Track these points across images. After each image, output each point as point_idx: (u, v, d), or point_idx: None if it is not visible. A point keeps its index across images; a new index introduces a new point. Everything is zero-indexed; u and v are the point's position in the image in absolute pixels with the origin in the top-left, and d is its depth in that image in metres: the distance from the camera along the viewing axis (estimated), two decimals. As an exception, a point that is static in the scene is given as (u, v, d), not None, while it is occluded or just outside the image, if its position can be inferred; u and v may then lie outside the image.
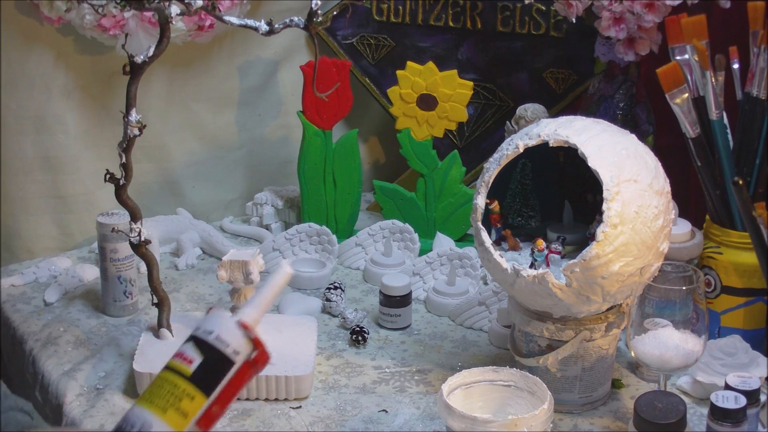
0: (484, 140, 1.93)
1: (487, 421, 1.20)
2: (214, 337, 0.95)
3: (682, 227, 1.54)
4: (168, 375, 0.94)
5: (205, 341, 0.95)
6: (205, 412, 0.93)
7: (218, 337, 0.95)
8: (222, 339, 0.95)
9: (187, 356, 0.94)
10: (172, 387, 0.93)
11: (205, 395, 0.93)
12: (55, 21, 1.68)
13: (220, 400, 0.94)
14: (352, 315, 1.58)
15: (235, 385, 0.95)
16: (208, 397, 0.93)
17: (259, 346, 0.96)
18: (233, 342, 0.95)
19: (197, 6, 1.31)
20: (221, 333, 0.95)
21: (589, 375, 1.37)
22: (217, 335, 0.95)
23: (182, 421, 0.92)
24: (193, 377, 0.93)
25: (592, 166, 1.26)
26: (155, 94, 1.84)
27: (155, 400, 0.93)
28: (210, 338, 0.95)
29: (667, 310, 1.28)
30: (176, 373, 0.94)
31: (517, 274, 1.29)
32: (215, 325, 0.95)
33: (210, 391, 0.94)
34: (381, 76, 1.94)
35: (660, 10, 1.57)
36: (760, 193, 1.48)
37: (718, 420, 1.23)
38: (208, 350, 0.94)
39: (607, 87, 1.71)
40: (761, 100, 1.46)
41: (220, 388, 0.94)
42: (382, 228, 1.79)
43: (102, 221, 1.60)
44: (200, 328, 0.96)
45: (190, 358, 0.94)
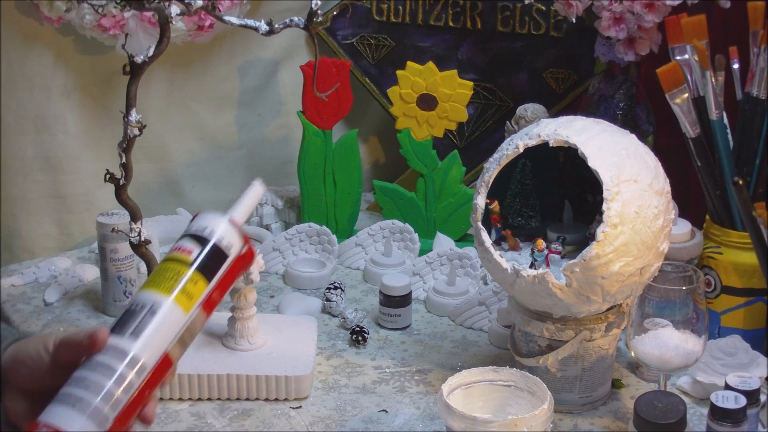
0: (484, 140, 1.93)
1: (487, 421, 1.20)
2: (209, 231, 0.99)
3: (682, 227, 1.54)
4: (170, 264, 0.97)
5: (201, 235, 0.99)
6: (208, 296, 0.97)
7: (212, 231, 0.99)
8: (216, 233, 0.99)
9: (185, 248, 0.98)
10: (176, 273, 0.96)
11: (206, 281, 0.97)
12: (55, 21, 1.68)
13: (219, 287, 0.98)
14: (352, 315, 1.58)
15: (230, 276, 0.99)
16: (209, 282, 0.97)
17: (247, 243, 1.01)
18: (226, 236, 0.99)
19: (197, 6, 1.31)
20: (215, 228, 0.99)
21: (589, 375, 1.37)
22: (211, 230, 0.99)
23: (189, 302, 0.95)
24: (193, 264, 0.97)
25: (592, 166, 1.26)
26: (155, 94, 1.84)
27: (161, 284, 0.96)
28: (205, 233, 0.99)
29: (667, 310, 1.28)
30: (177, 261, 0.97)
31: (517, 274, 1.29)
32: (208, 222, 1.00)
33: (210, 277, 0.97)
34: (381, 76, 1.94)
35: (660, 10, 1.57)
36: (760, 193, 1.48)
37: (718, 420, 1.23)
38: (204, 242, 0.98)
39: (607, 87, 1.71)
40: (761, 100, 1.46)
41: (218, 275, 0.98)
42: (382, 228, 1.79)
43: (102, 221, 1.60)
44: (192, 226, 1.00)
45: (189, 249, 0.98)
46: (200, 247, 0.97)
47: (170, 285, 0.96)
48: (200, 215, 1.01)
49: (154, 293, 0.95)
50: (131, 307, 0.94)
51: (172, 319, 0.94)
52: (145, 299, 0.95)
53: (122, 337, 0.92)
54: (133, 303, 0.95)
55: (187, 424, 1.35)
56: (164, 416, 1.36)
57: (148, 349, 0.93)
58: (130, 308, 0.95)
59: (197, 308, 0.96)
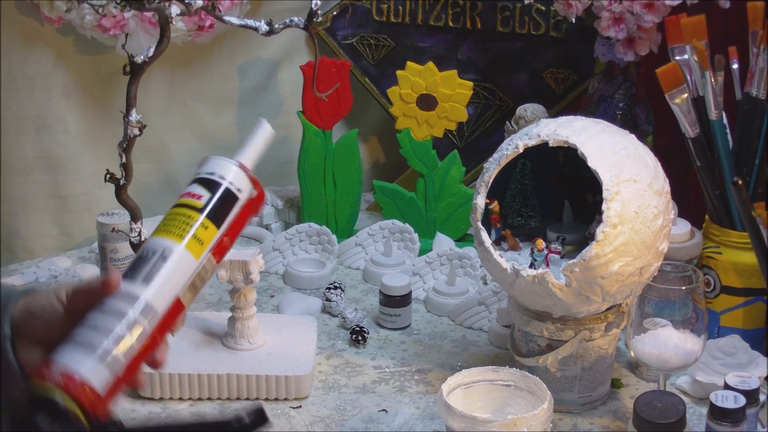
0: (484, 140, 1.93)
1: (486, 420, 1.20)
2: (218, 176, 0.99)
3: (682, 227, 1.54)
4: (180, 209, 0.98)
5: (210, 179, 0.99)
6: (218, 241, 0.97)
7: (222, 176, 0.99)
8: (225, 177, 0.99)
9: (195, 193, 0.98)
10: (186, 218, 0.97)
11: (216, 226, 0.97)
12: (55, 21, 1.68)
13: (229, 232, 0.98)
14: (352, 315, 1.58)
15: (241, 220, 1.00)
16: (219, 228, 0.97)
17: (257, 186, 1.01)
18: (236, 180, 0.99)
19: (197, 6, 1.31)
20: (224, 173, 0.99)
21: (588, 375, 1.37)
22: (221, 174, 0.99)
23: (199, 248, 0.96)
24: (204, 209, 0.97)
25: (591, 166, 1.26)
26: (155, 94, 1.84)
27: (171, 230, 0.96)
28: (214, 177, 0.99)
29: (666, 310, 1.28)
30: (187, 207, 0.98)
31: (517, 274, 1.29)
32: (216, 166, 1.00)
33: (220, 222, 0.98)
34: (381, 76, 1.94)
35: (659, 11, 1.58)
36: (759, 193, 1.48)
37: (718, 420, 1.24)
38: (214, 187, 0.98)
39: (607, 87, 1.71)
40: (761, 100, 1.47)
41: (229, 220, 0.98)
42: (382, 228, 1.79)
43: (102, 221, 1.60)
44: (202, 171, 1.00)
45: (198, 194, 0.98)
46: (210, 193, 0.98)
47: (181, 231, 0.96)
48: (209, 159, 1.01)
49: (164, 239, 0.95)
50: (142, 254, 0.95)
51: (184, 265, 0.95)
52: (156, 245, 0.95)
53: (134, 283, 0.93)
54: (144, 249, 0.96)
55: (187, 424, 1.35)
56: (164, 416, 1.37)
57: (159, 294, 0.93)
58: (141, 255, 0.95)
59: (208, 253, 0.97)
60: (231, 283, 1.43)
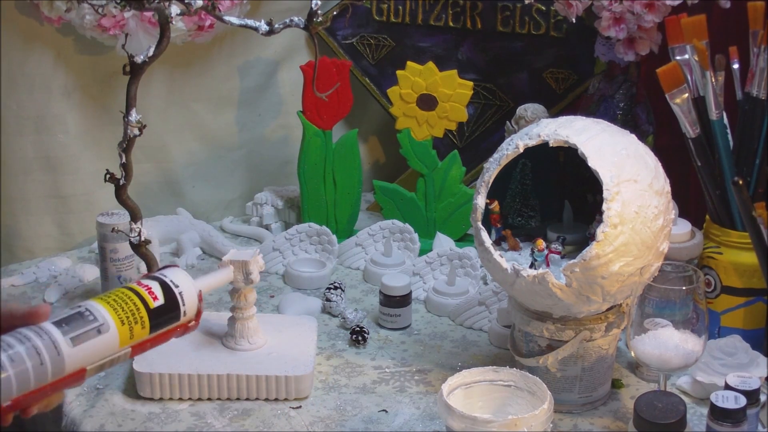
0: (484, 140, 1.93)
1: (487, 421, 1.20)
2: (179, 292, 1.08)
3: (682, 227, 1.54)
4: (134, 297, 1.05)
5: (173, 293, 1.08)
6: (141, 343, 1.06)
7: (181, 294, 1.08)
8: (183, 297, 1.08)
9: (154, 292, 1.07)
10: (135, 309, 1.05)
11: (150, 331, 1.06)
12: (55, 21, 1.68)
13: (154, 340, 1.07)
14: (352, 315, 1.58)
15: (166, 336, 1.09)
16: (150, 333, 1.06)
17: (199, 318, 1.11)
18: (189, 305, 1.09)
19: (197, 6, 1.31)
20: (184, 292, 1.09)
21: (589, 375, 1.37)
22: (181, 292, 1.08)
23: (128, 340, 1.04)
24: (151, 312, 1.06)
25: (592, 166, 1.26)
26: (155, 94, 1.84)
27: (119, 311, 1.04)
28: (176, 292, 1.08)
29: (667, 310, 1.28)
30: (141, 300, 1.05)
31: (517, 274, 1.29)
32: (182, 282, 1.09)
33: (155, 330, 1.06)
34: (381, 76, 1.94)
35: (660, 10, 1.58)
36: (759, 193, 1.48)
37: (718, 420, 1.23)
38: (169, 299, 1.07)
39: (607, 87, 1.71)
40: (761, 100, 1.47)
41: (161, 332, 1.07)
42: (382, 228, 1.79)
43: (102, 221, 1.60)
44: (168, 276, 1.09)
45: (156, 295, 1.07)
46: (165, 303, 1.07)
47: (125, 317, 1.03)
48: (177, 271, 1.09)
49: (108, 314, 1.02)
50: (83, 312, 1.01)
51: (108, 346, 1.02)
52: (99, 315, 1.02)
53: (62, 336, 0.98)
54: (86, 310, 1.01)
55: (187, 424, 1.35)
56: (164, 416, 1.37)
57: (77, 358, 0.99)
58: (83, 313, 1.01)
59: (129, 348, 1.04)
60: (231, 283, 1.43)
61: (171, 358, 1.41)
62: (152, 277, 1.09)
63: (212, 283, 1.22)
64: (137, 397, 1.40)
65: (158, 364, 1.40)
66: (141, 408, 1.38)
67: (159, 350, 1.42)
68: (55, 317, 1.00)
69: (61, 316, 1.00)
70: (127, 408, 1.38)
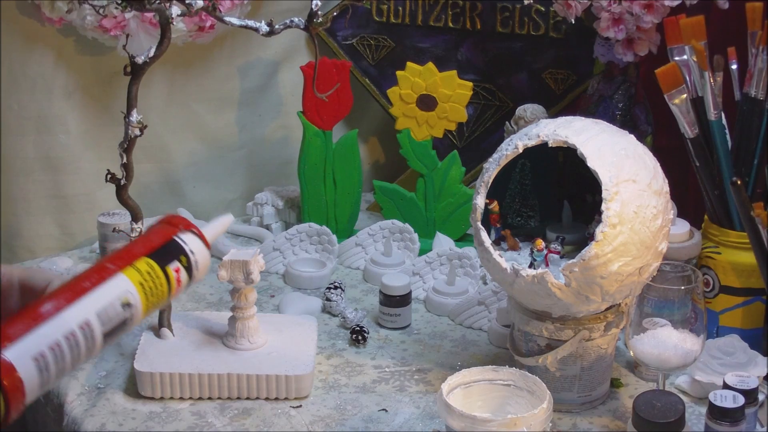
0: (483, 140, 1.93)
1: (486, 420, 1.20)
2: (194, 260, 1.00)
3: (681, 227, 1.54)
4: (165, 287, 0.98)
5: (191, 268, 1.00)
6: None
7: (196, 262, 1.00)
8: (198, 268, 1.01)
9: (180, 279, 0.99)
10: (160, 296, 0.98)
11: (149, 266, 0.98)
12: (56, 22, 1.68)
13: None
14: (352, 315, 1.59)
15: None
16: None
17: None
18: (200, 272, 1.01)
19: (198, 7, 1.31)
20: (199, 261, 1.01)
21: (588, 374, 1.37)
22: (196, 261, 1.00)
23: (141, 317, 0.97)
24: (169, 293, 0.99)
25: (591, 166, 1.27)
26: (156, 94, 1.84)
27: (150, 299, 0.97)
28: (192, 264, 1.00)
29: (665, 310, 1.29)
30: (168, 287, 0.98)
31: (517, 274, 1.30)
32: (197, 250, 1.01)
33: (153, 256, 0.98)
34: (381, 77, 1.94)
35: (659, 11, 1.58)
36: (758, 193, 1.49)
37: (717, 419, 1.24)
38: (188, 274, 0.99)
39: (606, 87, 1.71)
40: (759, 100, 1.47)
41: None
42: (382, 228, 1.79)
43: (103, 221, 1.60)
44: (189, 247, 1.01)
45: (180, 280, 0.99)
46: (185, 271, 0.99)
47: (151, 304, 0.97)
48: (193, 239, 1.02)
49: (140, 306, 0.96)
50: (128, 319, 0.95)
51: (127, 327, 0.96)
52: (137, 311, 0.95)
53: (101, 333, 0.92)
54: (131, 315, 0.95)
55: (188, 424, 1.35)
56: (165, 416, 1.37)
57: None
58: (127, 320, 0.95)
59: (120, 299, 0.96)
60: (231, 282, 1.43)
61: (172, 357, 1.42)
62: (179, 249, 1.01)
63: (216, 233, 1.10)
64: (138, 397, 1.40)
65: (159, 363, 1.40)
66: (142, 407, 1.39)
67: (160, 349, 1.44)
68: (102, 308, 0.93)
69: (111, 318, 0.94)
70: (128, 407, 1.39)
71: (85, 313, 0.93)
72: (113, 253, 0.98)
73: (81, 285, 0.95)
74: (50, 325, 0.91)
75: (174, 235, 1.02)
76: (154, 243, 1.00)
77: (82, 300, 0.94)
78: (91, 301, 0.94)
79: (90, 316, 0.93)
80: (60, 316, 0.92)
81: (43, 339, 0.90)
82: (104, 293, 0.96)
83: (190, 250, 1.02)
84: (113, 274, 0.96)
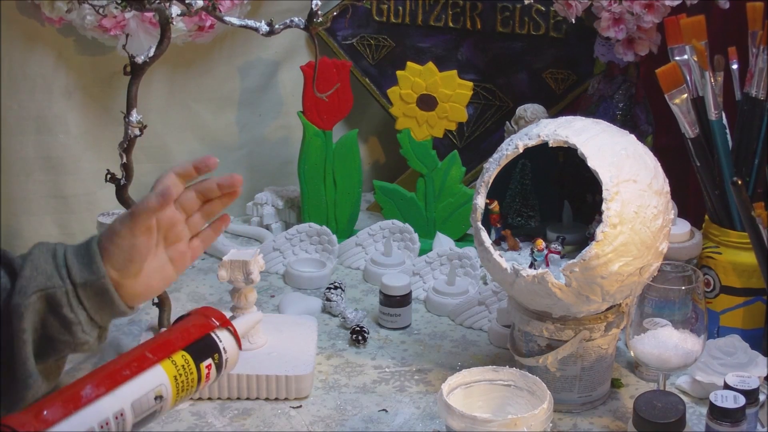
0: (483, 140, 1.93)
1: (486, 420, 1.20)
2: (225, 359, 1.10)
3: (682, 227, 1.54)
4: (195, 383, 1.05)
5: (221, 363, 1.09)
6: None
7: (226, 360, 1.11)
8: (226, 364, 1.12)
9: (210, 376, 1.07)
10: (190, 389, 1.05)
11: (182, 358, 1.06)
12: (56, 21, 1.68)
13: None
14: (352, 315, 1.58)
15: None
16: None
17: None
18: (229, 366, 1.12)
19: (198, 7, 1.31)
20: (229, 358, 1.11)
21: (588, 374, 1.37)
22: (227, 359, 1.11)
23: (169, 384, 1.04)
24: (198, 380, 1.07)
25: (591, 166, 1.26)
26: (156, 94, 1.84)
27: (180, 394, 1.04)
28: (223, 361, 1.10)
29: (666, 310, 1.29)
30: (198, 383, 1.06)
31: (517, 274, 1.29)
32: (229, 347, 1.11)
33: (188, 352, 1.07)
34: (381, 77, 1.94)
35: (659, 11, 1.58)
36: (759, 193, 1.49)
37: (718, 419, 1.24)
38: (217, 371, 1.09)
39: (607, 87, 1.71)
40: (760, 100, 1.47)
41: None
42: (382, 228, 1.79)
43: (103, 221, 1.60)
44: (222, 346, 1.10)
45: (209, 377, 1.07)
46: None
47: (180, 397, 1.04)
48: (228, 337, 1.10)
49: (171, 398, 1.03)
50: (158, 410, 1.01)
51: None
52: (166, 404, 1.02)
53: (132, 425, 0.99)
54: (161, 406, 1.02)
55: (188, 424, 1.35)
56: (164, 416, 1.37)
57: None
58: (157, 412, 1.01)
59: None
60: (231, 283, 1.43)
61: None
62: (214, 347, 1.07)
63: (247, 328, 1.19)
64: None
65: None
66: (142, 407, 1.38)
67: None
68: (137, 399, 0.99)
69: (144, 410, 1.00)
70: (128, 407, 1.38)
71: (121, 403, 0.98)
72: (154, 342, 1.06)
73: (121, 373, 1.00)
74: (87, 412, 0.94)
75: (211, 331, 1.07)
76: (193, 336, 1.07)
77: (120, 389, 0.98)
78: (128, 390, 1.00)
79: (125, 405, 0.99)
80: (98, 403, 0.95)
81: (79, 426, 0.94)
82: (141, 384, 1.02)
83: (224, 348, 1.07)
84: (152, 365, 1.03)
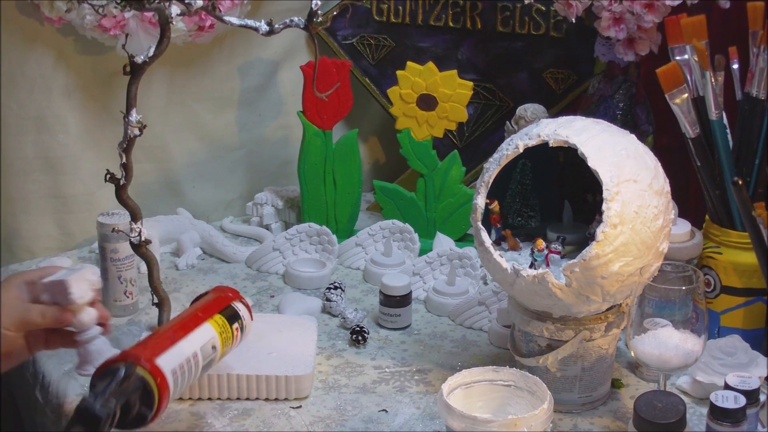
0: (484, 140, 1.93)
1: (486, 420, 1.20)
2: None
3: (682, 227, 1.54)
4: (231, 341, 1.31)
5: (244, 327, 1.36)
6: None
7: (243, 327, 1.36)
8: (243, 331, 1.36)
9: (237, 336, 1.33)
10: (229, 338, 1.30)
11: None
12: (55, 21, 1.68)
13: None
14: (352, 315, 1.58)
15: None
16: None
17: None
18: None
19: (197, 6, 1.31)
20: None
21: (588, 375, 1.37)
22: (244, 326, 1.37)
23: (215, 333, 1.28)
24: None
25: (591, 166, 1.26)
26: (156, 94, 1.84)
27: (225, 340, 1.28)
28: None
29: (666, 310, 1.29)
30: (231, 335, 1.31)
31: (517, 274, 1.29)
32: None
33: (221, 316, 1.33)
34: (381, 77, 1.94)
35: (660, 11, 1.58)
36: (759, 193, 1.49)
37: (718, 420, 1.24)
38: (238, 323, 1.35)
39: (607, 87, 1.71)
40: (761, 100, 1.47)
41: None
42: (382, 228, 1.79)
43: (102, 221, 1.60)
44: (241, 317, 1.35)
45: (236, 337, 1.32)
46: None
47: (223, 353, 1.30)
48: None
49: (219, 347, 1.29)
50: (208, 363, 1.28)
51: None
52: (217, 348, 1.29)
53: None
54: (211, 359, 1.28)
55: (187, 424, 1.35)
56: (164, 416, 1.36)
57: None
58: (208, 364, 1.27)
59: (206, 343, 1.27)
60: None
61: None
62: (237, 314, 1.31)
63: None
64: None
65: (158, 363, 1.40)
66: (141, 408, 1.38)
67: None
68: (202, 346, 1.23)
69: (206, 356, 1.23)
70: (128, 408, 1.38)
71: (193, 346, 1.21)
72: (198, 306, 1.29)
73: (187, 324, 1.23)
74: (173, 352, 1.18)
75: (232, 302, 1.31)
76: (221, 304, 1.30)
77: (190, 336, 1.22)
78: (195, 337, 1.22)
79: (197, 349, 1.21)
80: (179, 344, 1.19)
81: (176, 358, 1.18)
82: (201, 335, 1.24)
83: (242, 315, 1.31)
84: (203, 322, 1.25)
